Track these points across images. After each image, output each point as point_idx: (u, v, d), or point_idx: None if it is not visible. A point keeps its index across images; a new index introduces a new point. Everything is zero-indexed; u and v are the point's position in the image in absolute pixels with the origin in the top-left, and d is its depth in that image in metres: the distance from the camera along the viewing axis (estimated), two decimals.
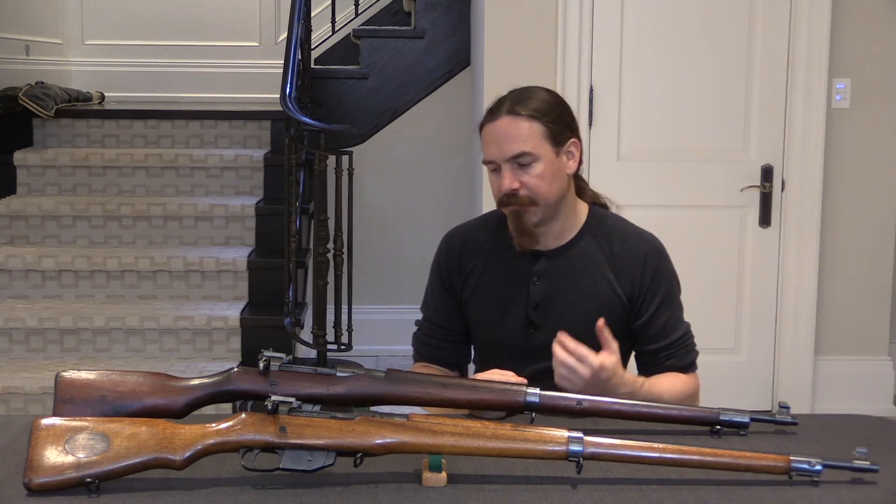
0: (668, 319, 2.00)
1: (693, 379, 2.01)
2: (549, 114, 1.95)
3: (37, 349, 3.81)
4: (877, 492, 1.46)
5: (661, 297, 1.99)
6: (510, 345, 2.02)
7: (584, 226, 2.04)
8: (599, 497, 1.42)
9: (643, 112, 4.00)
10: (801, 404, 4.03)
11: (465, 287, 2.07)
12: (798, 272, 4.06)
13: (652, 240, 2.05)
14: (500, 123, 1.94)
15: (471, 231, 2.14)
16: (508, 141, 1.92)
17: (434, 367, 2.11)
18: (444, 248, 2.13)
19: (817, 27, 3.93)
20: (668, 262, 2.04)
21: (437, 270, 2.12)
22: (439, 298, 2.11)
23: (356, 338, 3.96)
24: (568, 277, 2.01)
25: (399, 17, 5.42)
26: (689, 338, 2.03)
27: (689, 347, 2.02)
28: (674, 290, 2.03)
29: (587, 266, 2.01)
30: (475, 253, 2.08)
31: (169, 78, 5.72)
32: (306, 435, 1.43)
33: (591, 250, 2.02)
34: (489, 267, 2.06)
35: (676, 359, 2.00)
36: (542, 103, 1.95)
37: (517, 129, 1.92)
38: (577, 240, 2.03)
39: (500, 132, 1.93)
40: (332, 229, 3.82)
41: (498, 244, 2.07)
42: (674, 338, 2.00)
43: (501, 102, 1.97)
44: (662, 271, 2.01)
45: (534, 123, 1.93)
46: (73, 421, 1.43)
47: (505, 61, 3.95)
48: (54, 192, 4.49)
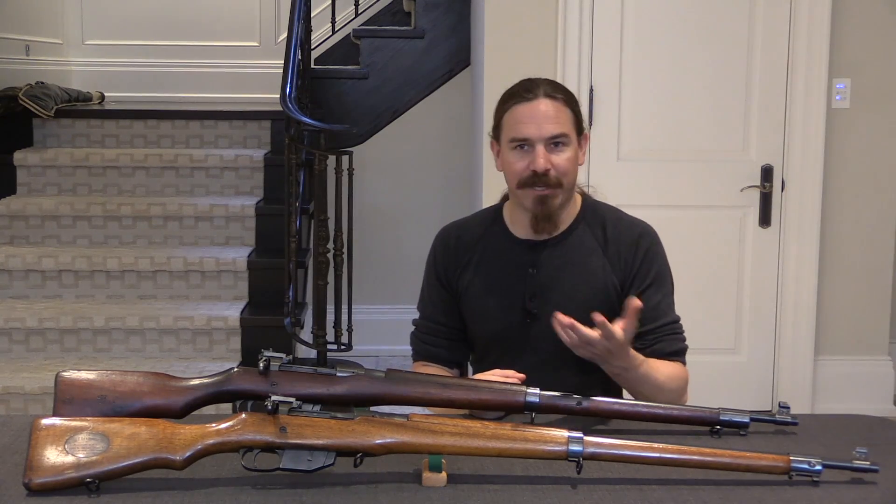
0: (658, 302, 1.99)
1: (682, 368, 1.99)
2: (576, 104, 2.03)
3: (37, 349, 3.81)
4: (877, 492, 1.46)
5: (651, 279, 2.00)
6: (508, 336, 2.02)
7: (579, 215, 2.07)
8: (599, 497, 1.42)
9: (643, 112, 4.00)
10: (801, 404, 4.03)
11: (461, 281, 2.08)
12: (798, 272, 4.06)
13: (644, 225, 2.08)
14: (539, 104, 1.97)
15: (465, 226, 2.15)
16: (549, 121, 1.96)
17: (433, 366, 2.11)
18: (438, 243, 2.14)
19: (817, 27, 3.93)
20: (659, 246, 2.06)
21: (433, 266, 2.12)
22: (435, 295, 2.11)
23: (356, 338, 3.96)
24: (564, 266, 2.02)
25: (399, 17, 5.42)
26: (679, 328, 2.02)
27: (678, 336, 2.01)
28: (664, 274, 2.04)
29: (582, 254, 2.03)
30: (470, 247, 2.09)
31: (169, 78, 5.72)
32: (306, 435, 1.43)
33: (585, 238, 2.04)
34: (485, 260, 2.07)
35: (665, 343, 1.98)
36: (570, 93, 2.04)
37: (557, 111, 1.97)
38: (572, 228, 2.05)
39: (540, 112, 1.96)
40: (332, 229, 3.82)
41: (493, 237, 2.08)
42: (662, 322, 1.99)
43: (535, 85, 2.01)
44: (655, 254, 2.03)
45: (567, 109, 1.99)
46: (73, 421, 1.43)
47: (505, 61, 3.94)
48: (54, 192, 4.49)
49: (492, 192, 3.94)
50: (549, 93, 1.98)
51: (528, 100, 1.98)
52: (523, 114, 1.98)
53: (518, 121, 1.98)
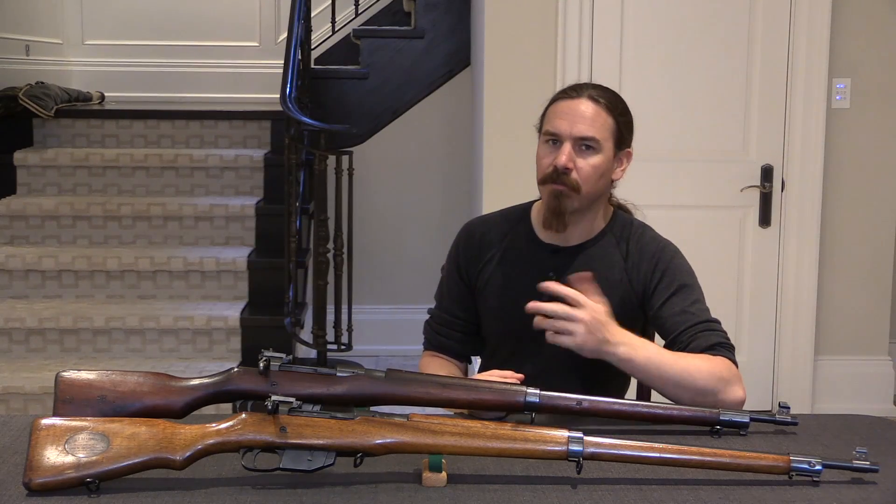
0: (684, 308, 1.93)
1: (720, 361, 1.82)
2: (623, 115, 2.01)
3: (37, 349, 3.81)
4: (877, 492, 1.46)
5: (674, 289, 1.96)
6: (520, 337, 2.01)
7: (607, 227, 2.06)
8: (599, 497, 1.42)
9: (643, 112, 3.94)
10: (801, 404, 4.03)
11: (480, 277, 2.08)
12: (798, 272, 4.06)
13: (666, 242, 2.06)
14: (579, 102, 1.97)
15: (491, 222, 2.14)
16: (583, 121, 1.95)
17: (442, 358, 2.12)
18: (462, 236, 2.14)
19: (817, 27, 3.93)
20: (680, 259, 2.03)
21: (455, 259, 2.12)
22: (454, 288, 2.12)
23: (356, 338, 3.97)
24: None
25: (399, 17, 5.42)
26: (716, 325, 1.93)
27: (715, 332, 1.90)
28: (690, 284, 1.99)
29: (604, 265, 2.01)
30: (494, 244, 2.09)
31: (169, 78, 5.73)
32: (306, 435, 1.43)
33: (608, 249, 2.03)
34: (506, 259, 2.07)
35: (700, 340, 1.88)
36: (620, 103, 2.02)
37: (594, 114, 1.96)
38: (597, 239, 2.04)
39: (577, 111, 1.96)
40: (332, 229, 3.82)
41: (517, 237, 2.08)
42: (693, 322, 1.91)
43: (584, 86, 2.01)
44: (677, 266, 2.00)
45: (609, 117, 1.98)
46: (73, 421, 1.43)
47: (505, 61, 3.95)
48: (54, 192, 4.50)
49: (492, 192, 3.95)
50: (593, 95, 1.98)
51: (571, 97, 1.98)
52: (562, 109, 1.98)
53: (555, 115, 1.98)
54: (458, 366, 2.14)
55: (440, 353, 2.13)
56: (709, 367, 1.80)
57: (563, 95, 2.00)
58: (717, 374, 1.80)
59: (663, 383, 1.79)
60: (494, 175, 3.96)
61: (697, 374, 1.78)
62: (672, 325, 1.93)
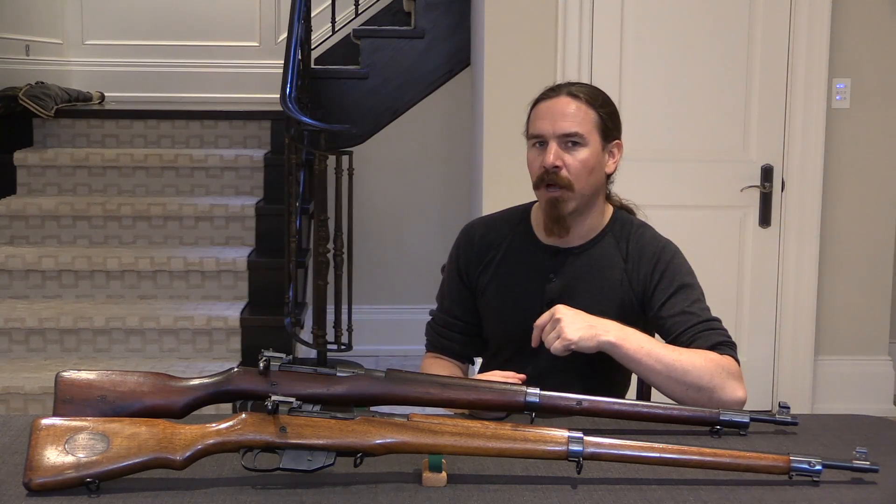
0: (685, 308, 1.93)
1: (720, 357, 1.82)
2: (604, 106, 2.00)
3: (37, 349, 3.81)
4: (877, 492, 1.46)
5: (674, 289, 1.95)
6: (521, 339, 2.00)
7: (606, 227, 2.05)
8: (599, 497, 1.42)
9: (643, 112, 4.00)
10: (801, 404, 4.03)
11: (481, 279, 2.08)
12: (798, 272, 4.06)
13: (666, 241, 2.05)
14: (558, 101, 1.96)
15: (492, 223, 2.13)
16: (563, 118, 1.94)
17: (444, 359, 2.12)
18: (463, 238, 2.13)
19: (817, 27, 3.93)
20: (680, 259, 2.02)
21: (455, 261, 2.12)
22: (455, 290, 2.11)
23: (356, 338, 3.97)
24: (584, 276, 2.01)
25: (399, 17, 5.42)
26: (717, 324, 1.93)
27: (716, 331, 1.90)
28: (690, 284, 1.98)
29: (603, 266, 2.01)
30: (494, 245, 2.08)
31: (169, 78, 5.73)
32: (306, 435, 1.43)
33: (609, 250, 2.03)
34: (507, 261, 2.06)
35: (702, 339, 1.87)
36: (600, 95, 2.01)
37: (574, 109, 1.95)
38: (597, 240, 2.04)
39: (557, 109, 1.95)
40: (332, 229, 3.82)
41: (518, 238, 2.07)
42: (694, 322, 1.91)
43: (561, 85, 2.01)
44: (676, 266, 1.99)
45: (590, 110, 1.97)
46: (73, 421, 1.43)
47: (505, 61, 3.95)
48: (54, 192, 4.49)
49: (492, 192, 3.95)
50: (572, 91, 1.97)
51: (550, 97, 1.98)
52: (542, 110, 1.98)
53: (537, 117, 1.98)
54: (461, 367, 2.14)
55: (442, 355, 2.12)
56: (704, 363, 1.80)
57: (542, 97, 2.00)
58: (713, 370, 1.79)
59: (656, 374, 1.79)
60: (494, 175, 3.96)
61: (692, 367, 1.78)
62: (673, 325, 1.93)
